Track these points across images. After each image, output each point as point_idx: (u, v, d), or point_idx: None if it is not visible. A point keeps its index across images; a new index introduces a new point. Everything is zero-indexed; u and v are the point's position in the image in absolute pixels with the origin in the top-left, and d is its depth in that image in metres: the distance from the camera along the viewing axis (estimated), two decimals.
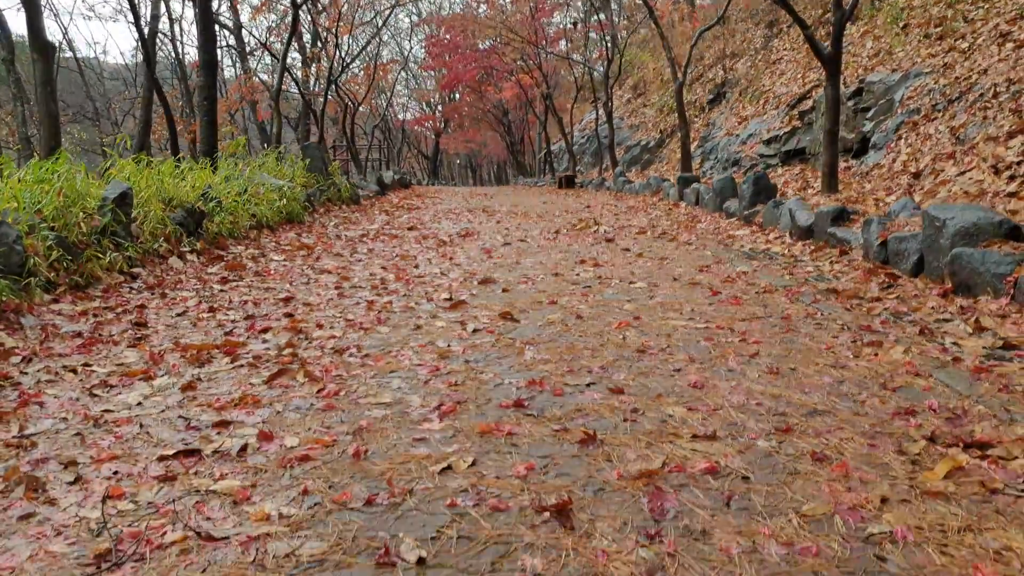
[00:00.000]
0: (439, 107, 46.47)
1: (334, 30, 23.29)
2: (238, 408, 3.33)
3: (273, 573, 1.98)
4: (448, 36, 35.37)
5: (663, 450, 2.80)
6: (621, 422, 3.10)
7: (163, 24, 32.90)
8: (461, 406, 3.31)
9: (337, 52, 23.42)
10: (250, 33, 29.16)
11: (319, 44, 26.63)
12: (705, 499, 2.41)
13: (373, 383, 3.67)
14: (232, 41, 29.09)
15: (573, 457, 2.75)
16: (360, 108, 30.80)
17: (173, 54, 26.26)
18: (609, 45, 24.40)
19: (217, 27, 17.12)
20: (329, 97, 24.11)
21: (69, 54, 32.00)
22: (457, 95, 42.03)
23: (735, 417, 3.12)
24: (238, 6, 27.98)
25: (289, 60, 21.17)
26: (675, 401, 3.35)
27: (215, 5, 20.86)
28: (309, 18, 25.10)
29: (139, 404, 3.40)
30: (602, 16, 25.43)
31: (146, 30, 16.42)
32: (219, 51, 19.79)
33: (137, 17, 14.77)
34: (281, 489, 2.51)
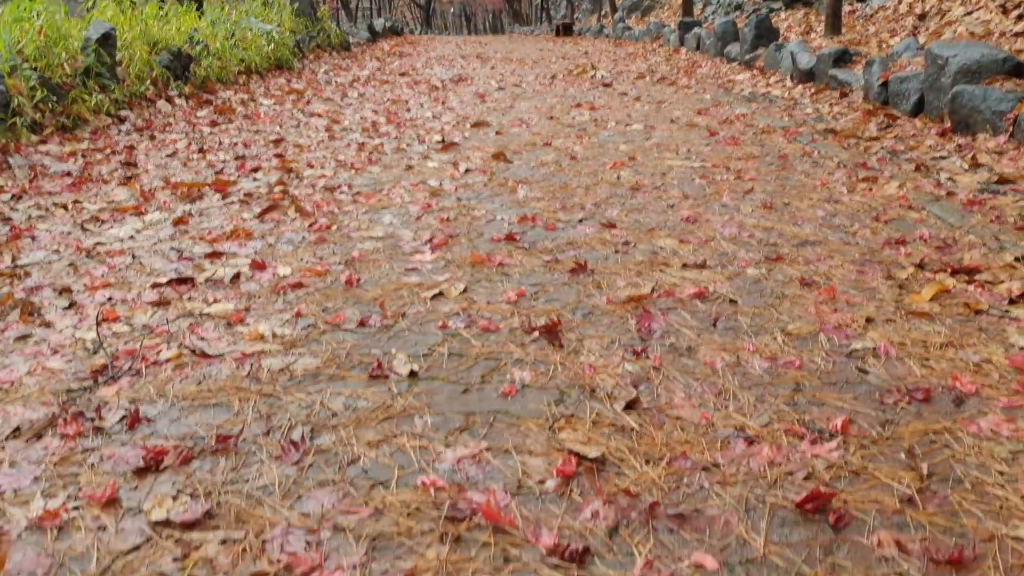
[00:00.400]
0: None
1: None
2: (230, 240, 3.33)
3: (267, 385, 2.03)
4: None
5: (653, 278, 2.82)
6: (612, 253, 3.11)
7: None
8: (453, 240, 3.31)
9: None
10: None
11: None
12: (692, 320, 2.45)
13: (364, 219, 3.66)
14: None
15: (564, 285, 2.77)
16: None
17: None
18: None
19: None
20: None
21: None
22: None
23: (726, 248, 3.13)
24: None
25: None
26: (667, 234, 3.35)
27: None
28: None
29: (131, 238, 3.39)
30: None
31: None
32: None
33: None
34: (274, 312, 2.54)
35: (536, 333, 2.34)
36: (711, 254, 3.06)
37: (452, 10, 59.13)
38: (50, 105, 5.59)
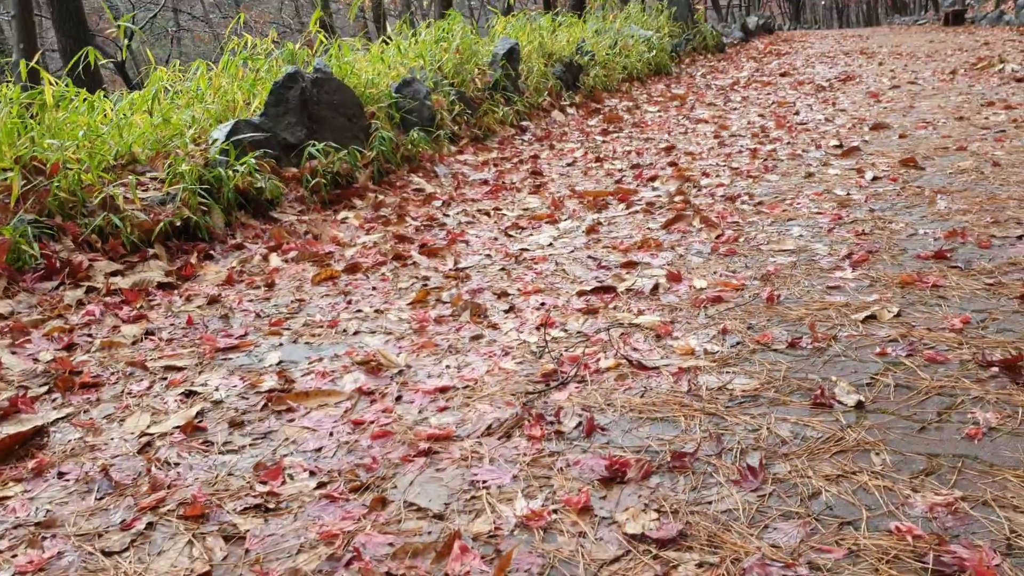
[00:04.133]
0: None
1: None
2: (641, 250, 3.43)
3: (709, 404, 2.05)
4: None
5: None
6: None
7: None
8: (873, 255, 3.13)
9: None
10: None
11: None
12: None
13: (771, 230, 3.59)
14: None
15: (1014, 313, 2.49)
16: None
17: None
18: None
19: None
20: None
21: None
22: None
23: None
24: None
25: None
26: None
27: None
28: None
29: (550, 245, 3.63)
30: None
31: None
32: None
33: None
34: (699, 327, 2.57)
35: (993, 369, 2.13)
36: None
37: (823, 2, 56.34)
38: (465, 118, 6.17)
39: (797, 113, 7.02)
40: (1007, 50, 11.59)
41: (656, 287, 2.95)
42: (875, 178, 4.39)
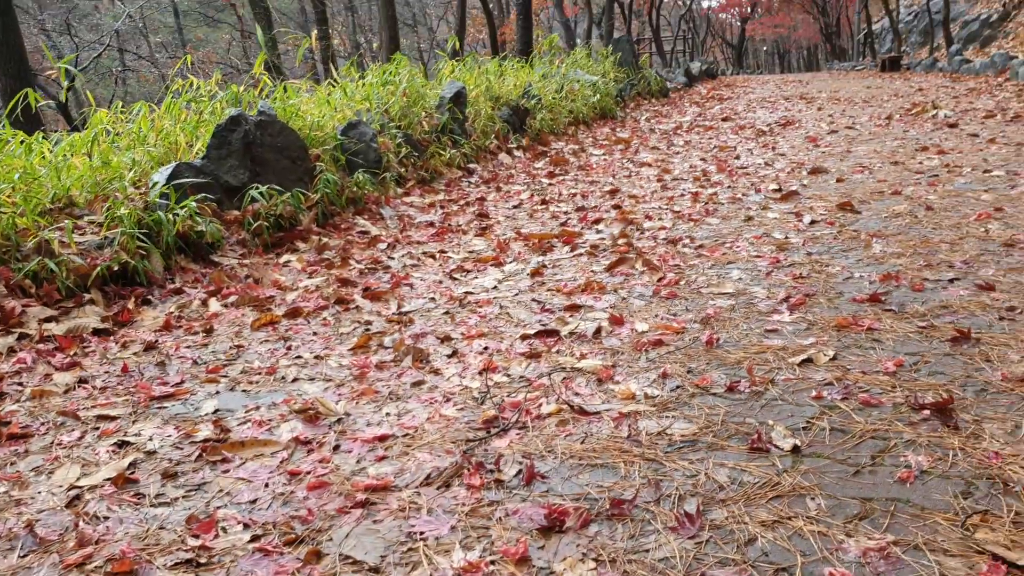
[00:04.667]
0: None
1: None
2: (584, 293, 3.45)
3: (648, 449, 2.05)
4: None
5: None
6: (996, 321, 2.82)
7: None
8: (810, 299, 3.18)
9: None
10: None
11: None
12: None
13: (712, 273, 3.64)
14: None
15: (946, 356, 2.55)
16: None
17: None
18: None
19: None
20: None
21: None
22: None
23: None
24: None
25: None
26: None
27: None
28: None
29: (494, 288, 3.63)
30: None
31: None
32: None
33: None
34: (640, 371, 2.58)
35: (925, 412, 2.17)
36: None
37: (764, 48, 57.98)
38: (412, 160, 6.19)
39: (738, 157, 7.17)
40: (940, 96, 12.02)
41: (599, 330, 2.97)
42: (813, 222, 4.49)
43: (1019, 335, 2.67)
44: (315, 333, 3.18)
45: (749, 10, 43.03)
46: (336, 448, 2.17)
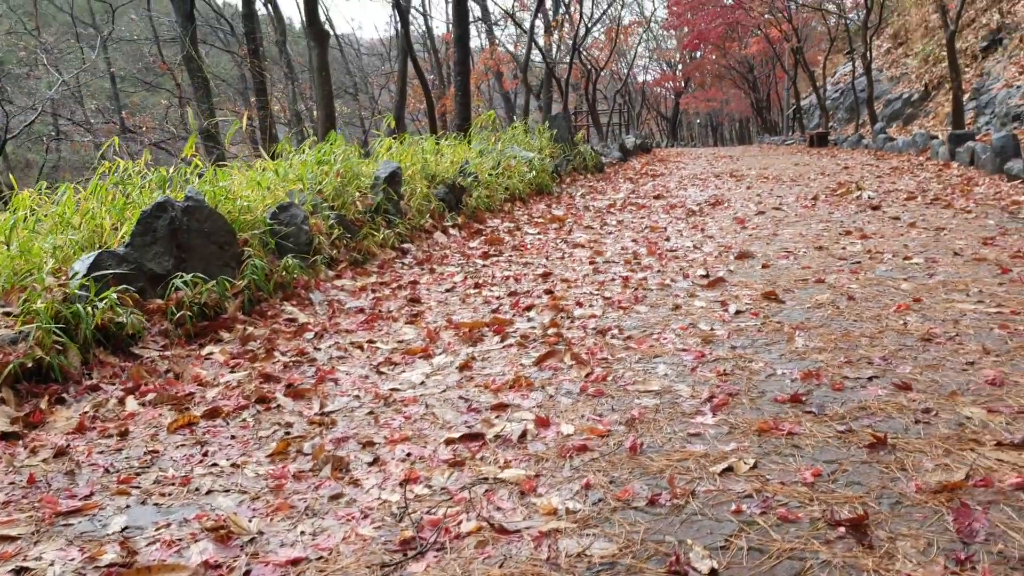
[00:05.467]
0: (680, 66, 45.49)
1: None
2: (512, 391, 3.44)
3: (567, 573, 2.03)
4: None
5: (964, 459, 2.57)
6: (912, 424, 2.88)
7: None
8: (733, 399, 3.22)
9: (581, 17, 23.47)
10: (495, 3, 29.90)
11: (561, 9, 26.83)
12: (1020, 520, 2.19)
13: (639, 368, 3.67)
14: (478, 13, 29.99)
15: (863, 464, 2.59)
16: (602, 72, 30.74)
17: (424, 27, 27.52)
18: None
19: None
20: (572, 63, 24.27)
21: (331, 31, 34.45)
22: (699, 53, 40.88)
23: None
24: None
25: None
26: (971, 401, 3.06)
27: None
28: None
29: (422, 383, 3.60)
30: None
31: (403, 3, 17.26)
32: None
33: None
34: (563, 481, 2.56)
35: (841, 528, 2.19)
36: None
37: (698, 121, 59.73)
38: (344, 241, 6.17)
39: (668, 239, 7.31)
40: (865, 175, 12.46)
41: (524, 434, 2.95)
42: (738, 312, 4.57)
43: (933, 440, 2.73)
44: (233, 436, 3.10)
45: (683, 84, 44.43)
46: (246, 574, 2.10)
